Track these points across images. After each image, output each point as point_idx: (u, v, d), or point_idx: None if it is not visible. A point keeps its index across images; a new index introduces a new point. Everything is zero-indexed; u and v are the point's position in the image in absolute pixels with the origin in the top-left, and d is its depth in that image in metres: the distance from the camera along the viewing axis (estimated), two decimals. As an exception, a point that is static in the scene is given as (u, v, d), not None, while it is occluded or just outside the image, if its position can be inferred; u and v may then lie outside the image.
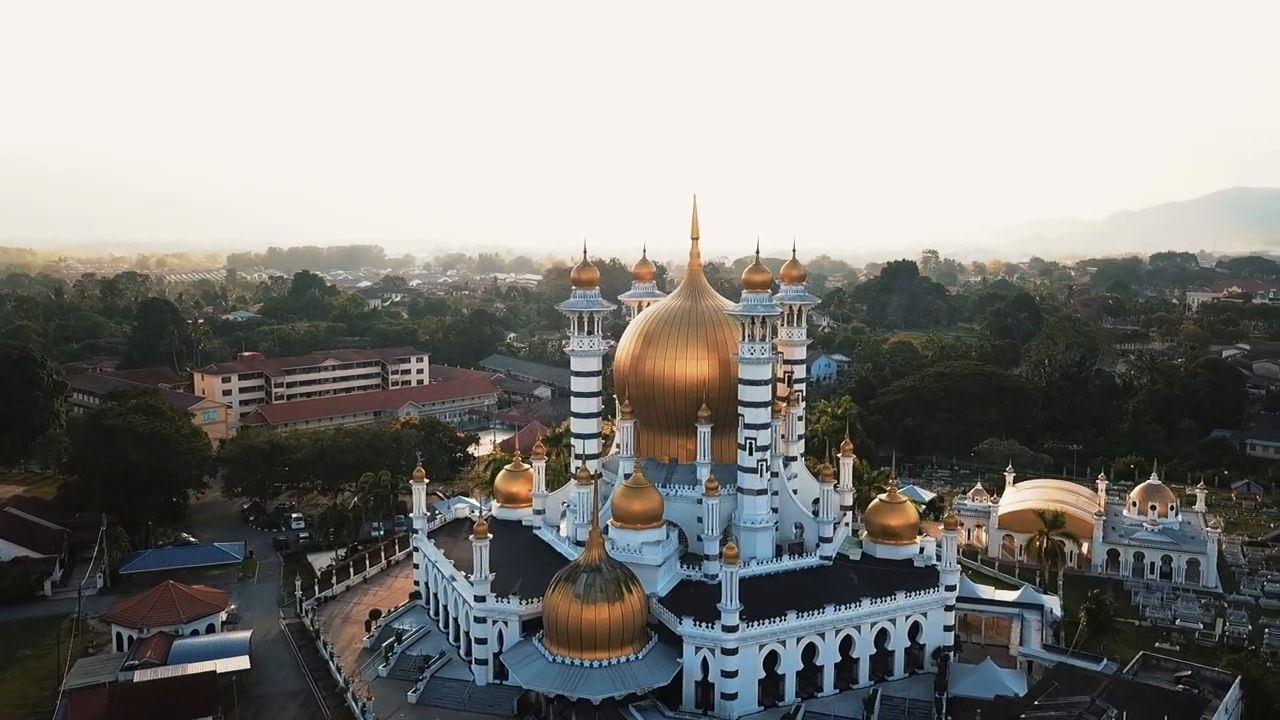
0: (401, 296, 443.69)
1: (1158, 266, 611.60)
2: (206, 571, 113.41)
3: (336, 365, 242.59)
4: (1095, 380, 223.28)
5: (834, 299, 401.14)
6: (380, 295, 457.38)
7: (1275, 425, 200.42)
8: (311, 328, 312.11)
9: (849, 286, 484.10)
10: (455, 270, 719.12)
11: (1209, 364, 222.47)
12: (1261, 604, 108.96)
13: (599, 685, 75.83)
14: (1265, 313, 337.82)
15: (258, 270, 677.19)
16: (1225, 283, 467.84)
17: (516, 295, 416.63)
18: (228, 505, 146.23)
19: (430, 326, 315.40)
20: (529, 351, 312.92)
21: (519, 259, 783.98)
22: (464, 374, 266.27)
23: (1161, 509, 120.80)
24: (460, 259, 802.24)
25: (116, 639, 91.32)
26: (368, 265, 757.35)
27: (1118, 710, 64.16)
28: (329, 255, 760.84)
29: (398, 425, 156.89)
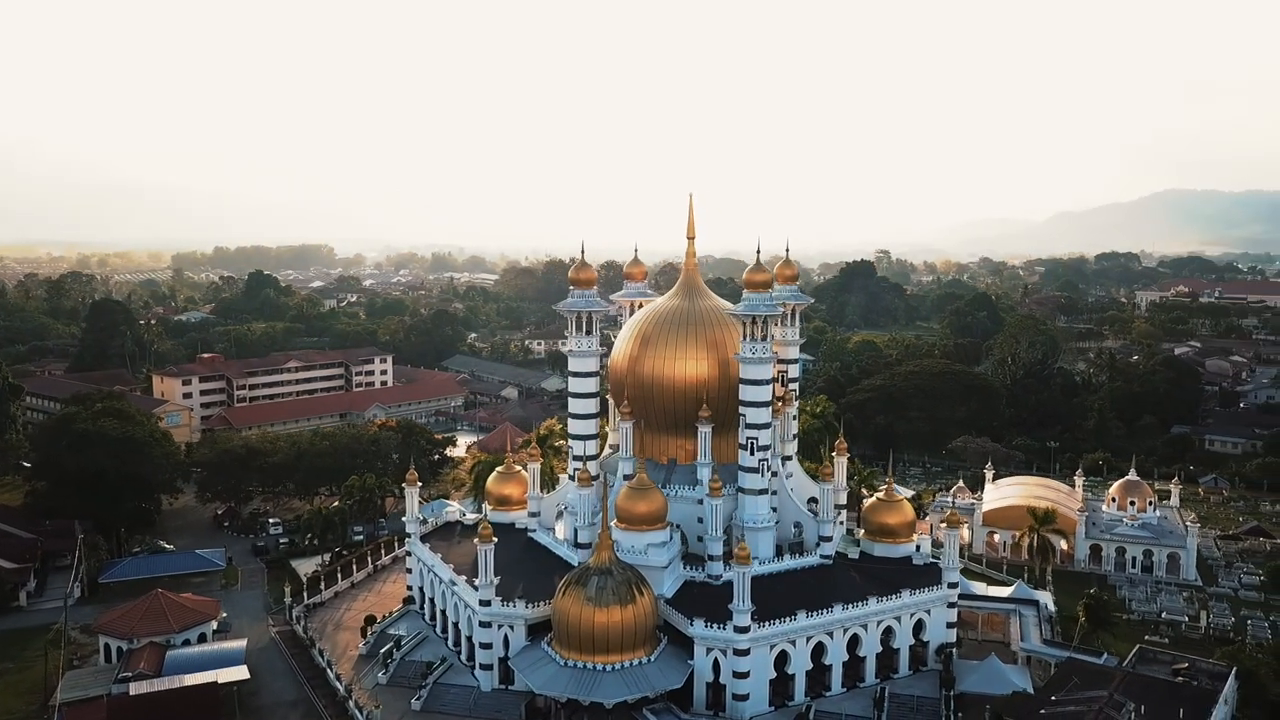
0: (357, 297, 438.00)
1: (1103, 266, 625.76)
2: (188, 579, 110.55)
3: (299, 367, 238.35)
4: (1057, 378, 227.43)
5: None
6: (335, 295, 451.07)
7: (1231, 421, 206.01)
8: (268, 329, 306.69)
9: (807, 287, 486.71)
10: (408, 270, 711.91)
11: (1167, 361, 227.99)
12: (1240, 596, 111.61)
13: (613, 689, 75.18)
14: (1212, 311, 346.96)
15: (205, 270, 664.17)
16: (1171, 282, 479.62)
17: (475, 295, 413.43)
18: (200, 511, 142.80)
19: (390, 327, 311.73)
20: (491, 352, 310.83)
21: (472, 258, 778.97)
22: (428, 375, 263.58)
23: (1140, 504, 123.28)
24: (412, 258, 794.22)
25: (104, 650, 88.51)
26: (318, 265, 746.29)
27: (1134, 704, 65.08)
28: (278, 255, 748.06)
29: (374, 427, 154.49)
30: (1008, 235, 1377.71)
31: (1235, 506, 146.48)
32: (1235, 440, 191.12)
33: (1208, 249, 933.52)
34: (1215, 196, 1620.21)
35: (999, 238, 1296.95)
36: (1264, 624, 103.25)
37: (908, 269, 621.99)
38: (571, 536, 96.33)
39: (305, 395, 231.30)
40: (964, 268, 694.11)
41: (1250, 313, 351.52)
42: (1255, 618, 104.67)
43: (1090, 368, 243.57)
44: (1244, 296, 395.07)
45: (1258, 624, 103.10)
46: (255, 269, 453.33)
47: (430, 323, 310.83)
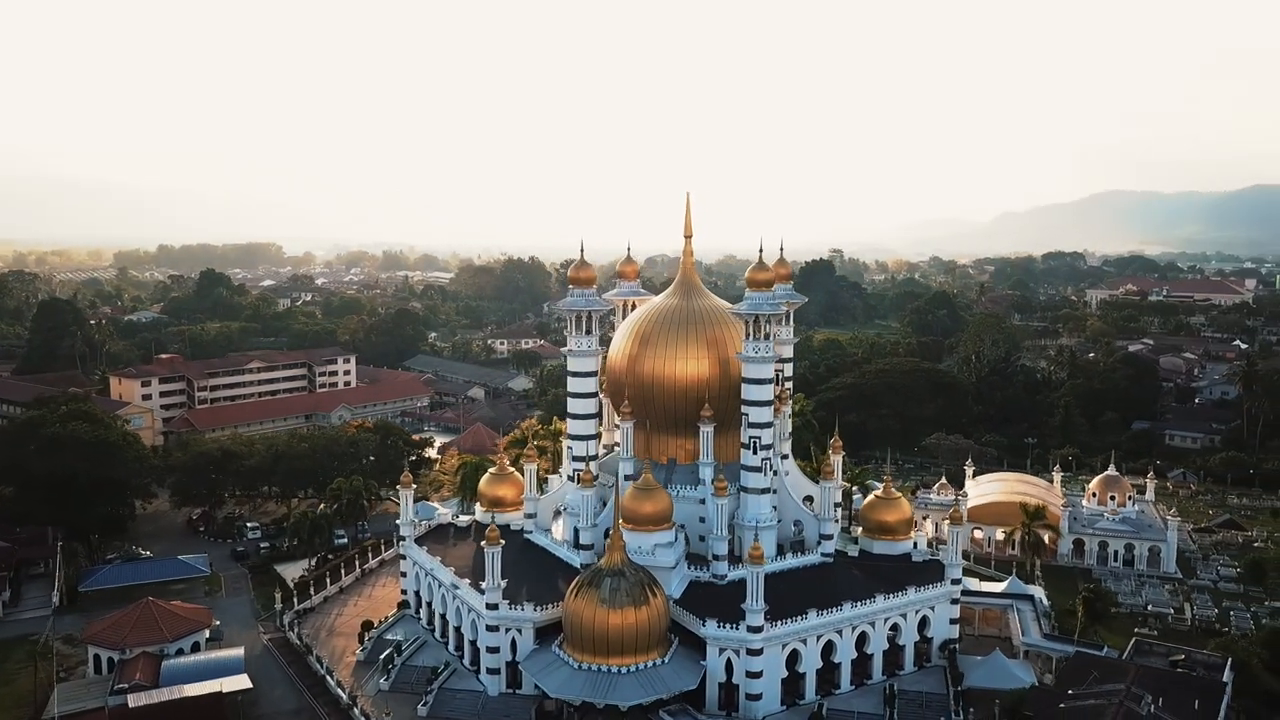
0: (312, 296, 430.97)
1: (1050, 265, 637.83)
2: (169, 586, 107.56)
3: (262, 367, 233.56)
4: (1019, 376, 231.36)
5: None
6: (288, 295, 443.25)
7: (1189, 416, 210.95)
8: (223, 328, 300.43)
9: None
10: (360, 269, 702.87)
11: (1126, 359, 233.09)
12: (1220, 588, 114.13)
13: (630, 691, 74.57)
14: (1161, 309, 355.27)
15: (149, 269, 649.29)
16: (1120, 280, 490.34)
17: (434, 294, 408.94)
18: (172, 516, 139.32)
19: (350, 326, 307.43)
20: (452, 352, 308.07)
21: (424, 257, 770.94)
22: (392, 375, 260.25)
23: (1120, 499, 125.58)
24: (363, 256, 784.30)
25: (94, 661, 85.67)
26: (266, 264, 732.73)
27: (1151, 696, 66.15)
28: (225, 253, 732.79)
29: (351, 429, 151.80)
30: (954, 235, 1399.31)
31: (1204, 500, 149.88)
32: (1194, 435, 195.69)
33: (1147, 248, 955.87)
34: (1153, 198, 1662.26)
35: (946, 237, 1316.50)
36: (1246, 615, 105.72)
37: (860, 268, 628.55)
38: (571, 537, 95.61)
39: (268, 396, 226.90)
40: (915, 266, 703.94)
41: (1198, 310, 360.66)
42: (1237, 609, 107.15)
43: (1050, 365, 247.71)
44: (1190, 295, 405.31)
45: (1240, 615, 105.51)
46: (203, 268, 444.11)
47: (391, 322, 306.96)
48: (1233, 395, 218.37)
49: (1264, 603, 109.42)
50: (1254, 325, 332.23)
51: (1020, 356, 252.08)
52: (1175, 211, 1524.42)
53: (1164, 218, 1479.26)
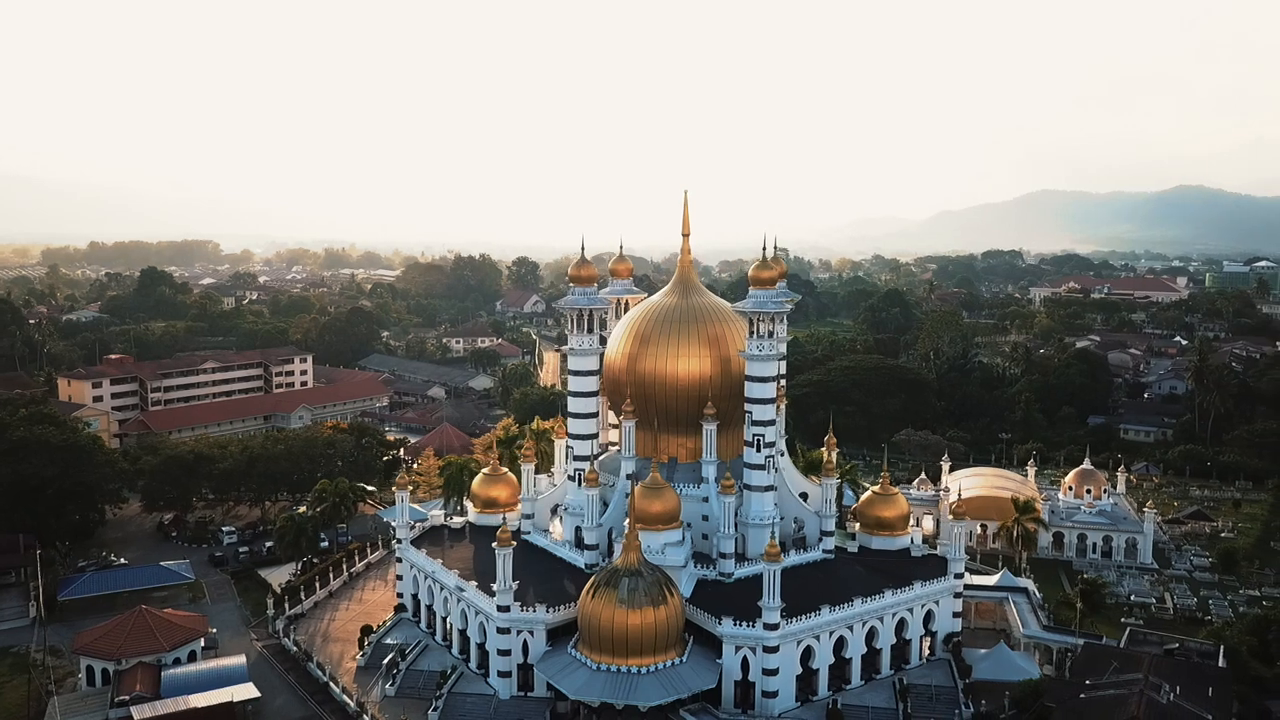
0: (257, 294, 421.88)
1: (989, 263, 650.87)
2: (150, 594, 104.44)
3: (216, 368, 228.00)
4: (976, 372, 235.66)
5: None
6: (232, 293, 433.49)
7: (1140, 410, 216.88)
8: (169, 328, 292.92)
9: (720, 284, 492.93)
10: (301, 266, 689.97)
11: (1078, 355, 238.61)
12: (1196, 577, 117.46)
13: (651, 692, 74.20)
14: (1104, 306, 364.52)
15: (80, 266, 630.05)
16: (1062, 279, 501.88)
17: (383, 292, 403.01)
18: (140, 521, 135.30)
19: (302, 326, 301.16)
20: (407, 351, 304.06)
21: (367, 254, 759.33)
22: (349, 374, 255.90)
23: (1096, 492, 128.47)
24: (304, 254, 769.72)
25: (87, 673, 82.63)
26: (203, 261, 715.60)
27: (1168, 685, 67.75)
28: (160, 250, 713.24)
29: (327, 429, 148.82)
30: (892, 233, 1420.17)
31: (1167, 492, 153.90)
32: (1147, 429, 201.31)
33: (1078, 247, 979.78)
34: (1083, 197, 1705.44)
35: (884, 236, 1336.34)
36: (1224, 603, 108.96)
37: (806, 266, 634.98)
38: (572, 537, 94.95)
39: (223, 397, 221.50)
40: (858, 265, 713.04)
41: (1138, 308, 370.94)
42: (1215, 597, 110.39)
43: (1005, 361, 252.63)
44: (1131, 293, 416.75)
45: (1218, 603, 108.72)
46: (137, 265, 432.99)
47: (344, 321, 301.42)
48: (1181, 390, 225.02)
49: (1239, 591, 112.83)
50: (1191, 321, 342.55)
51: (977, 353, 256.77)
52: (1105, 211, 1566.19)
53: (1094, 217, 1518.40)
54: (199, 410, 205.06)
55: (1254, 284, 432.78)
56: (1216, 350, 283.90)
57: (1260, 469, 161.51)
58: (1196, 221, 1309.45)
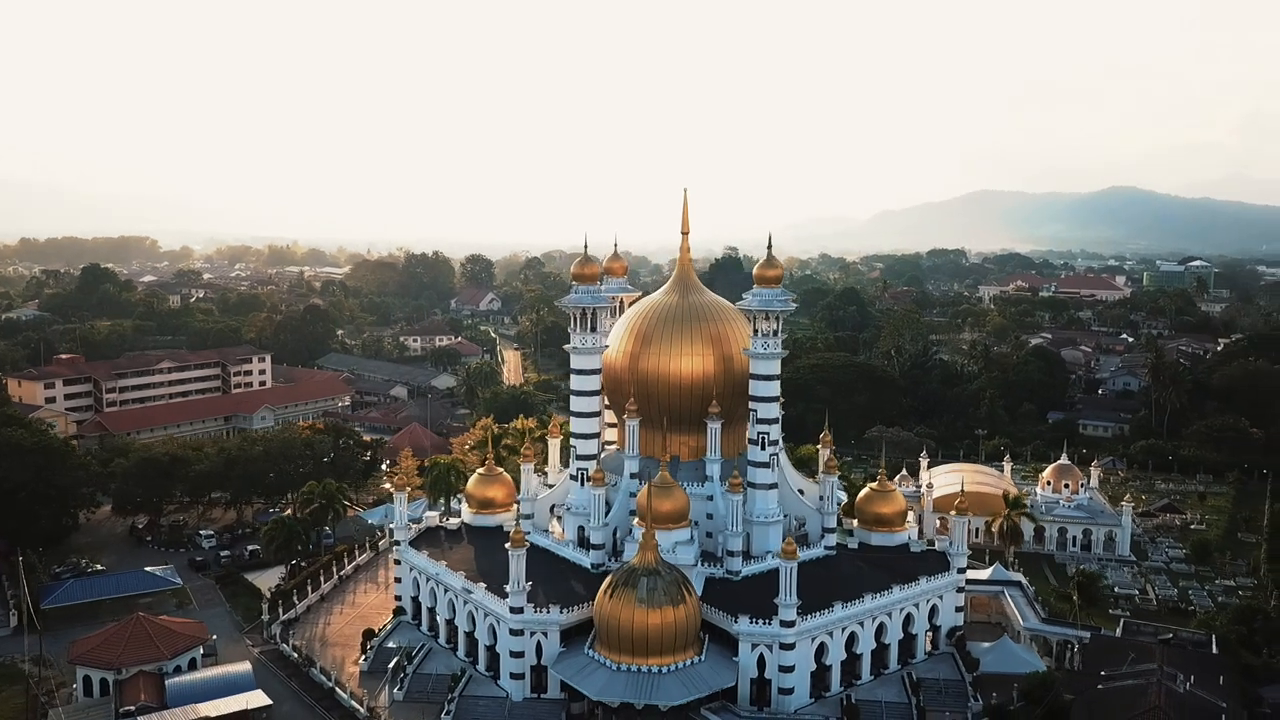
0: (205, 292, 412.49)
1: (934, 262, 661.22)
2: (135, 600, 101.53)
3: (173, 367, 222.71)
4: (937, 370, 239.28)
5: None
6: (177, 291, 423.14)
7: (1096, 406, 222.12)
8: (115, 327, 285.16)
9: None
10: (245, 263, 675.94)
11: (1036, 352, 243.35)
12: (1173, 568, 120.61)
13: (674, 691, 74.11)
14: (1052, 304, 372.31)
15: (12, 263, 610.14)
16: (1010, 277, 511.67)
17: (335, 290, 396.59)
18: (111, 525, 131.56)
19: (257, 324, 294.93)
20: (363, 349, 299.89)
21: (312, 251, 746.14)
22: (308, 374, 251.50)
23: (1074, 487, 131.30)
24: (247, 251, 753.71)
25: (84, 683, 79.97)
26: (141, 258, 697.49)
27: (1181, 674, 69.47)
28: (95, 247, 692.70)
29: (305, 430, 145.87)
30: (836, 233, 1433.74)
31: (1133, 486, 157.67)
32: (1104, 424, 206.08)
33: (1016, 246, 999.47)
34: (1020, 197, 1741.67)
35: (828, 235, 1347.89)
36: (1203, 593, 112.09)
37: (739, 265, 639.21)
38: (575, 537, 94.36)
39: (180, 398, 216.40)
40: (805, 264, 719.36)
41: (1085, 306, 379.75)
42: (1194, 588, 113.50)
43: (963, 359, 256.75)
44: (1077, 291, 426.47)
45: (1197, 593, 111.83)
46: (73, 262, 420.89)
47: (300, 319, 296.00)
48: (1135, 386, 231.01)
49: (1215, 581, 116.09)
50: (1136, 319, 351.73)
51: (937, 350, 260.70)
52: (1041, 211, 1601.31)
53: (1031, 217, 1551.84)
54: (157, 411, 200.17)
55: (1193, 283, 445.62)
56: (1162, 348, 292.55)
57: (1219, 462, 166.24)
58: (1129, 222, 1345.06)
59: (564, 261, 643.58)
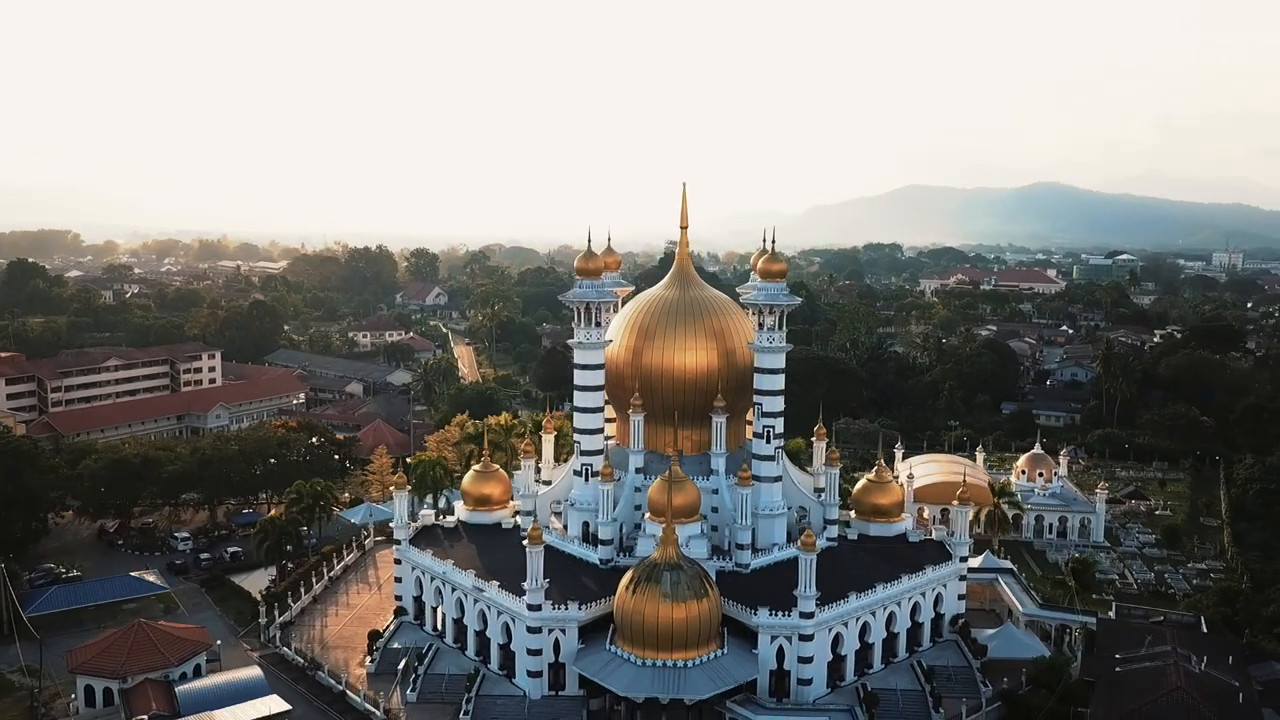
0: (138, 288, 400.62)
1: (871, 256, 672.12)
2: (120, 607, 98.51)
3: (120, 365, 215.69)
4: (891, 362, 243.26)
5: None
6: (110, 286, 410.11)
7: (1049, 396, 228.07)
8: (49, 323, 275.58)
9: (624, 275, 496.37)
10: (174, 258, 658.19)
11: (988, 344, 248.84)
12: (1146, 553, 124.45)
13: (701, 685, 74.17)
14: (993, 298, 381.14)
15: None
16: (950, 270, 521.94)
17: (277, 285, 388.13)
18: (76, 529, 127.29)
19: (200, 320, 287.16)
20: (311, 345, 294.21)
21: (243, 245, 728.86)
22: (260, 371, 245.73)
23: (1048, 475, 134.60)
24: (175, 245, 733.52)
25: (85, 693, 77.11)
26: (63, 253, 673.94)
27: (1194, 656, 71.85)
28: (14, 241, 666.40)
29: (280, 429, 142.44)
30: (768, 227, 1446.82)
31: (1095, 474, 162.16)
32: (1056, 414, 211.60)
33: (946, 240, 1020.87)
34: (950, 192, 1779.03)
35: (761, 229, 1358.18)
36: (1178, 576, 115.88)
37: (699, 259, 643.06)
38: (579, 533, 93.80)
39: (128, 397, 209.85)
40: (744, 258, 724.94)
41: (1024, 299, 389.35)
42: (1170, 572, 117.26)
43: (915, 351, 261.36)
44: (1016, 284, 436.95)
45: (1173, 577, 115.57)
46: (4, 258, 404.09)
47: (247, 315, 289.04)
48: (1082, 376, 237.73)
49: (1187, 564, 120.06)
50: (1073, 311, 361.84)
51: (892, 342, 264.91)
52: (969, 206, 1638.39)
53: (960, 211, 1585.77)
54: (107, 411, 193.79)
55: (1125, 276, 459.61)
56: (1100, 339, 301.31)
57: (1173, 450, 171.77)
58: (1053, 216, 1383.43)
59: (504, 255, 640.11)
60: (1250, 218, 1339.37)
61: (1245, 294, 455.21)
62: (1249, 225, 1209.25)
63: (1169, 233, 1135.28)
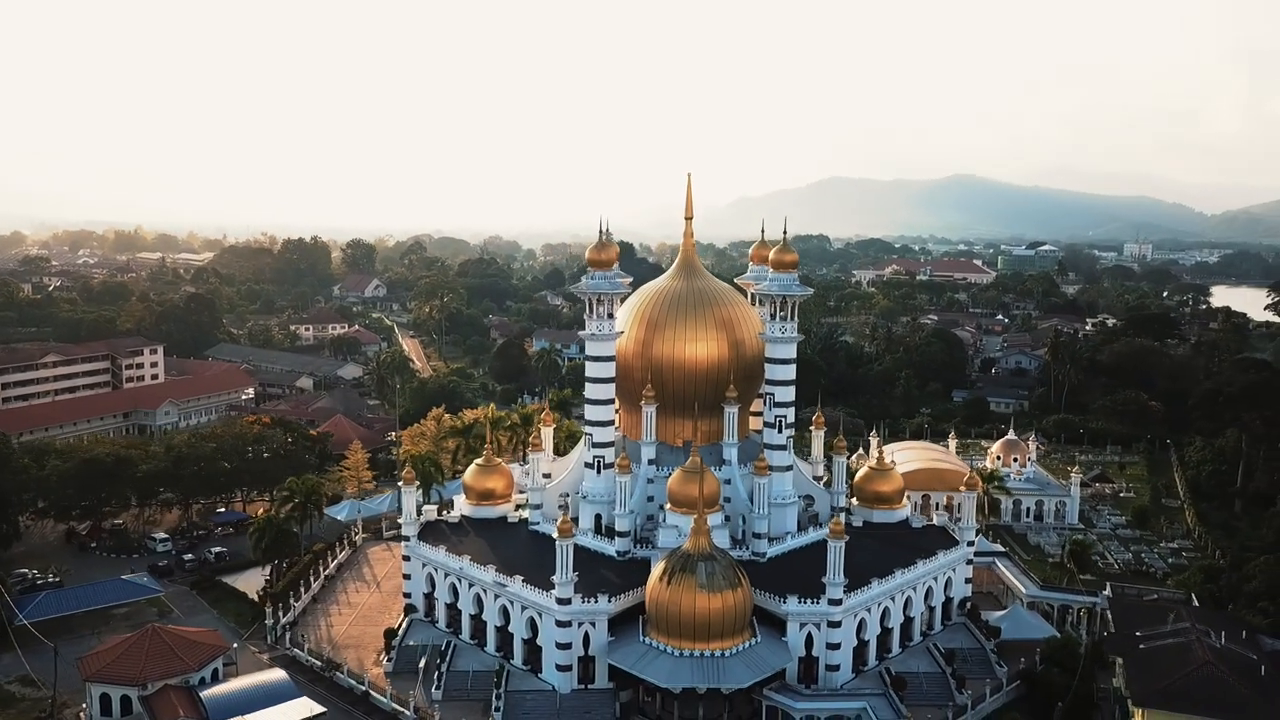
0: (61, 281, 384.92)
1: (801, 247, 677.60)
2: (112, 612, 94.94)
3: (58, 361, 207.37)
4: (843, 351, 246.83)
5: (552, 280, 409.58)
6: (28, 279, 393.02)
7: (995, 383, 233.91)
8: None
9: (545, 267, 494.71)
10: (89, 250, 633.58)
11: (936, 333, 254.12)
12: (1119, 534, 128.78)
13: (740, 674, 74.48)
14: (930, 288, 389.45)
15: None
16: (885, 261, 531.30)
17: (210, 277, 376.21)
18: (43, 531, 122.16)
19: (135, 314, 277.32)
20: (251, 339, 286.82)
21: (161, 237, 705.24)
22: (204, 366, 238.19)
23: (1022, 461, 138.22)
24: (89, 236, 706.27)
25: (101, 701, 73.99)
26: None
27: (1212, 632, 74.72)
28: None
29: (255, 426, 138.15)
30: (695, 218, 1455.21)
31: (1056, 459, 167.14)
32: (1006, 401, 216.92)
33: (869, 231, 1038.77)
34: (870, 184, 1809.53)
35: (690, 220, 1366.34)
36: (1153, 555, 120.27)
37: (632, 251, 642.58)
38: (592, 525, 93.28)
39: (67, 394, 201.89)
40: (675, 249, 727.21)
41: (959, 288, 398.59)
42: (1146, 551, 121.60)
43: (864, 341, 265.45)
44: (950, 274, 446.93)
45: (1149, 556, 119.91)
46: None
47: (185, 309, 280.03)
48: (1026, 364, 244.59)
49: (1160, 544, 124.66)
50: (1007, 301, 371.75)
51: (841, 332, 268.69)
52: (890, 197, 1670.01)
53: (880, 203, 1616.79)
54: (47, 409, 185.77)
55: (1054, 267, 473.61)
56: (1035, 327, 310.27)
57: (1124, 434, 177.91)
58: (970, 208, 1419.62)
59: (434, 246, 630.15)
60: (1155, 209, 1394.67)
61: (1160, 283, 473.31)
62: (1154, 217, 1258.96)
63: (1080, 224, 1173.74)
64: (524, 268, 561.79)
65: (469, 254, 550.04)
